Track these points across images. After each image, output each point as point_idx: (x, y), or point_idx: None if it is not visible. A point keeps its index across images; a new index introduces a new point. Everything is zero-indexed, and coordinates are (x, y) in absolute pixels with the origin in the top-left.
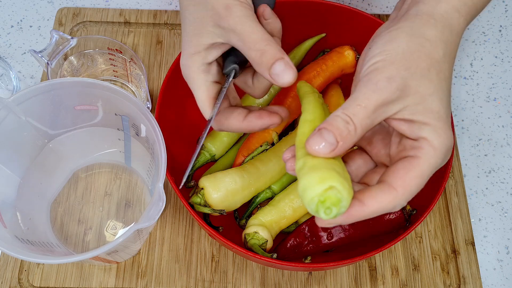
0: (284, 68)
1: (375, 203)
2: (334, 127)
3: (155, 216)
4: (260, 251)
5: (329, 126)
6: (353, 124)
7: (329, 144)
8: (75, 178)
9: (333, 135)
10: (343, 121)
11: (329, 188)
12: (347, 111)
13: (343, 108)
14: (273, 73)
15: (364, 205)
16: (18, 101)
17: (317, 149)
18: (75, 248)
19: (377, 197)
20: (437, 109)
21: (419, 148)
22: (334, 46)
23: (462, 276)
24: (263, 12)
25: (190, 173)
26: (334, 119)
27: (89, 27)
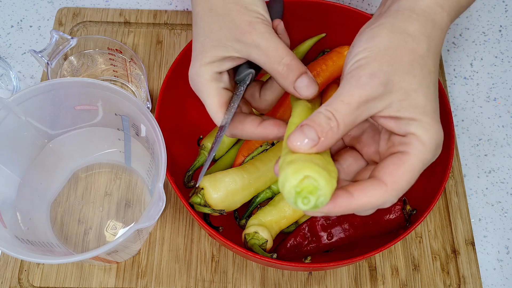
0: (308, 82)
1: (364, 196)
2: (316, 123)
3: (155, 216)
4: (260, 251)
5: (311, 122)
6: (335, 120)
7: (310, 140)
8: (75, 178)
9: (315, 131)
10: (325, 117)
11: (304, 178)
12: (329, 107)
13: (326, 104)
14: (298, 86)
15: (352, 196)
16: (18, 101)
17: (298, 145)
18: (75, 248)
19: (366, 190)
20: (423, 104)
21: (408, 143)
22: (334, 46)
23: (462, 276)
24: (277, 26)
25: (190, 173)
26: (316, 116)
27: (89, 27)
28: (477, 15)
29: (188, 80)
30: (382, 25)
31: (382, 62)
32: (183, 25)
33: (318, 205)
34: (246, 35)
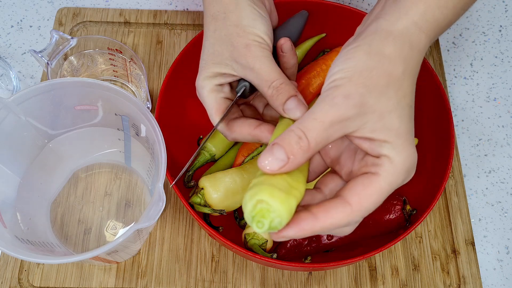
0: (296, 105)
1: (328, 217)
2: (286, 142)
3: (155, 216)
4: (260, 251)
5: (281, 141)
6: (306, 139)
7: (279, 160)
8: (75, 178)
9: (284, 151)
10: (296, 136)
11: (258, 202)
12: (301, 125)
13: (298, 122)
14: (286, 108)
15: (316, 218)
16: (18, 101)
17: (267, 165)
18: (75, 248)
19: (330, 211)
20: (397, 126)
21: (379, 165)
22: (334, 46)
23: (462, 276)
24: (282, 45)
25: (190, 173)
26: (287, 134)
27: (89, 27)
28: (477, 15)
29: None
30: (359, 47)
31: (358, 83)
32: (183, 25)
33: (274, 227)
34: (242, 57)
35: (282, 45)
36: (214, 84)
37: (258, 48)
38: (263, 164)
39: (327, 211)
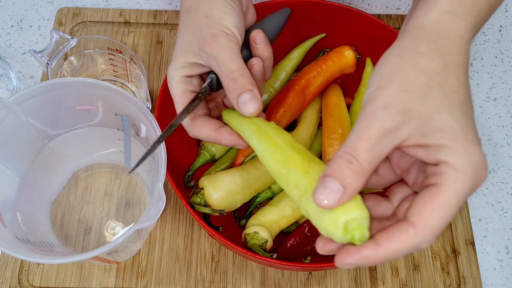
0: (250, 99)
1: (391, 244)
2: (337, 171)
3: (155, 216)
4: (260, 251)
5: (331, 171)
6: (357, 162)
7: (335, 192)
8: (75, 178)
9: (337, 181)
10: (346, 161)
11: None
12: (348, 148)
13: (344, 146)
14: (240, 101)
15: (378, 245)
16: (18, 101)
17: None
18: (75, 248)
19: (392, 236)
20: (449, 126)
21: (439, 174)
22: (334, 46)
23: (462, 276)
24: (255, 36)
25: (190, 173)
26: (336, 162)
27: (89, 27)
28: None
29: None
30: (390, 52)
31: (395, 89)
32: None
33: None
34: (208, 46)
35: (254, 36)
36: (182, 75)
37: (225, 38)
38: (320, 201)
39: (389, 237)
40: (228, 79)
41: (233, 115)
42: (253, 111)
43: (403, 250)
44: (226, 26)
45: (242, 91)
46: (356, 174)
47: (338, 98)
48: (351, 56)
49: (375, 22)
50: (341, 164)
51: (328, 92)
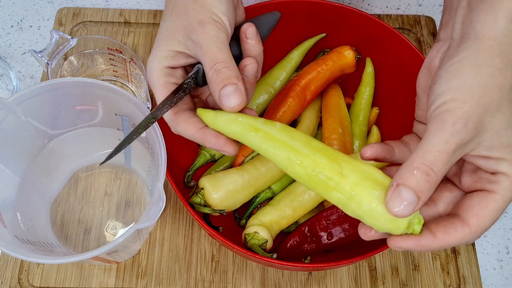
0: (233, 92)
1: (447, 237)
2: (414, 183)
3: (155, 216)
4: (260, 251)
5: (407, 182)
6: (434, 174)
7: (410, 203)
8: (75, 178)
9: (413, 193)
10: (423, 174)
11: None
12: (426, 160)
13: (421, 157)
14: (222, 94)
15: (435, 238)
16: (18, 101)
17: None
18: (75, 248)
19: (450, 232)
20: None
21: (496, 182)
22: (334, 46)
23: (462, 276)
24: (246, 30)
25: (190, 173)
26: (412, 174)
27: (89, 27)
28: None
29: None
30: (464, 60)
31: (473, 104)
32: None
33: None
34: (194, 33)
35: (246, 29)
36: (164, 65)
37: (213, 26)
38: (396, 212)
39: (446, 232)
40: (212, 70)
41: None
42: (235, 105)
43: (455, 243)
44: (216, 13)
45: (226, 83)
46: (431, 186)
47: (338, 98)
48: (351, 56)
49: (375, 22)
50: (418, 177)
51: (328, 92)
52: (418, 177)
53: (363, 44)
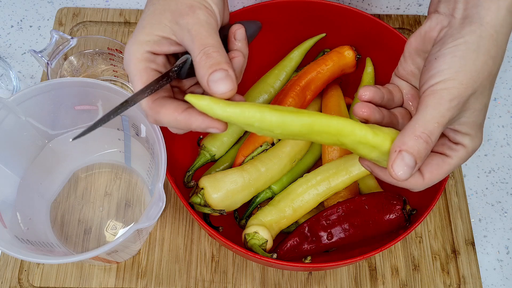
0: (223, 77)
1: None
2: (415, 150)
3: (155, 216)
4: (260, 251)
5: (410, 148)
6: (431, 142)
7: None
8: (75, 178)
9: (413, 158)
10: (424, 142)
11: None
12: (427, 130)
13: (422, 126)
14: (211, 79)
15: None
16: (18, 101)
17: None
18: (75, 248)
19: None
20: (480, 122)
21: (455, 150)
22: (334, 46)
23: (462, 276)
24: (236, 31)
25: (190, 173)
26: (415, 140)
27: (89, 27)
28: None
29: None
30: (467, 44)
31: (468, 86)
32: None
33: None
34: (183, 17)
35: (236, 30)
36: (146, 50)
37: (203, 12)
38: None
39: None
40: (201, 54)
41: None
42: (225, 91)
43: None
44: (207, 1)
45: (215, 68)
46: (428, 152)
47: (338, 98)
48: (351, 56)
49: (375, 22)
50: (420, 144)
51: (328, 92)
52: (419, 144)
53: (363, 44)
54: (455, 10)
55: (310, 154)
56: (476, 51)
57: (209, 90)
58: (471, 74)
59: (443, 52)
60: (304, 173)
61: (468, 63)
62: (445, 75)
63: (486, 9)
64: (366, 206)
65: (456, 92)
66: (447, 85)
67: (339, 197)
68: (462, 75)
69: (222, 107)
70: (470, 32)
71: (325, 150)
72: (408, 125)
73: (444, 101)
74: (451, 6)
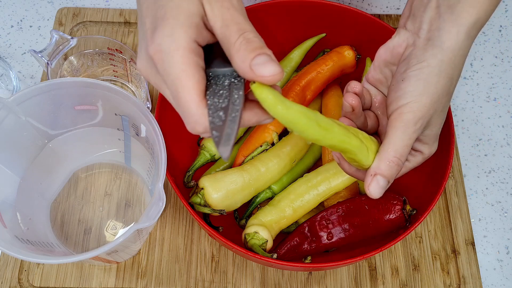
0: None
1: None
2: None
3: (155, 216)
4: (260, 251)
5: (385, 172)
6: (401, 163)
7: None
8: (75, 178)
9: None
10: (395, 164)
11: None
12: (397, 154)
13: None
14: (255, 63)
15: None
16: (18, 101)
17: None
18: (75, 248)
19: None
20: (438, 132)
21: (414, 155)
22: (334, 46)
23: (462, 276)
24: None
25: (190, 173)
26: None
27: (89, 27)
28: None
29: None
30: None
31: (430, 107)
32: None
33: None
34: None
35: None
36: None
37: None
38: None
39: None
40: (240, 39)
41: None
42: (272, 74)
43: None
44: None
45: (258, 52)
46: (398, 170)
47: (338, 98)
48: (351, 56)
49: (375, 22)
50: (391, 166)
51: (328, 92)
52: (392, 168)
53: (363, 44)
54: (420, 30)
55: (310, 154)
56: (437, 75)
57: (253, 73)
58: (432, 97)
59: (408, 74)
60: (304, 173)
61: (431, 87)
62: (410, 98)
63: (448, 32)
64: (366, 206)
65: (420, 114)
66: (412, 108)
67: (339, 197)
68: (425, 98)
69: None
70: (433, 56)
71: (325, 150)
72: (382, 150)
73: (411, 124)
74: (417, 26)
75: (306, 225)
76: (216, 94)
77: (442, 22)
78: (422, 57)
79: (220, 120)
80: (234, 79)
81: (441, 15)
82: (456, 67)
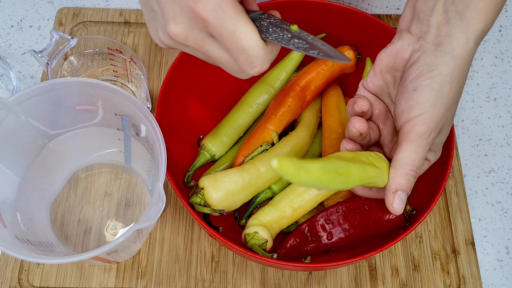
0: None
1: None
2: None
3: (155, 216)
4: (260, 251)
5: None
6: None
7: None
8: (75, 178)
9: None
10: (412, 177)
11: None
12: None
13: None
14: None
15: None
16: (18, 101)
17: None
18: (75, 248)
19: None
20: (444, 140)
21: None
22: (334, 46)
23: (462, 276)
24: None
25: (190, 173)
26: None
27: (89, 27)
28: None
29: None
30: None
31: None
32: None
33: None
34: None
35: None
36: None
37: None
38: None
39: None
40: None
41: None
42: None
43: None
44: None
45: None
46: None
47: (338, 98)
48: (351, 56)
49: (375, 22)
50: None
51: (328, 92)
52: (410, 181)
53: (363, 44)
54: (427, 34)
55: (310, 154)
56: (449, 83)
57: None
58: (444, 106)
59: (421, 84)
60: None
61: (443, 97)
62: (424, 109)
63: (458, 39)
64: (366, 206)
65: (433, 125)
66: (426, 120)
67: (339, 197)
68: (438, 109)
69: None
70: (444, 63)
71: (325, 150)
72: (398, 164)
73: (425, 137)
74: (423, 29)
75: (306, 225)
76: (269, 32)
77: (452, 28)
78: (434, 64)
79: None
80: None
81: (449, 21)
82: (464, 75)
